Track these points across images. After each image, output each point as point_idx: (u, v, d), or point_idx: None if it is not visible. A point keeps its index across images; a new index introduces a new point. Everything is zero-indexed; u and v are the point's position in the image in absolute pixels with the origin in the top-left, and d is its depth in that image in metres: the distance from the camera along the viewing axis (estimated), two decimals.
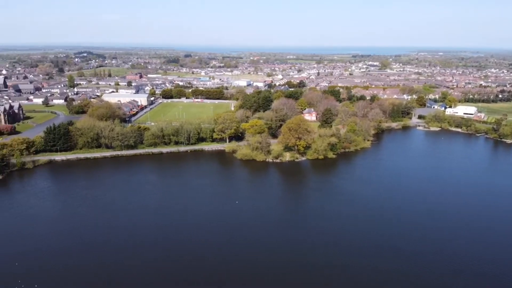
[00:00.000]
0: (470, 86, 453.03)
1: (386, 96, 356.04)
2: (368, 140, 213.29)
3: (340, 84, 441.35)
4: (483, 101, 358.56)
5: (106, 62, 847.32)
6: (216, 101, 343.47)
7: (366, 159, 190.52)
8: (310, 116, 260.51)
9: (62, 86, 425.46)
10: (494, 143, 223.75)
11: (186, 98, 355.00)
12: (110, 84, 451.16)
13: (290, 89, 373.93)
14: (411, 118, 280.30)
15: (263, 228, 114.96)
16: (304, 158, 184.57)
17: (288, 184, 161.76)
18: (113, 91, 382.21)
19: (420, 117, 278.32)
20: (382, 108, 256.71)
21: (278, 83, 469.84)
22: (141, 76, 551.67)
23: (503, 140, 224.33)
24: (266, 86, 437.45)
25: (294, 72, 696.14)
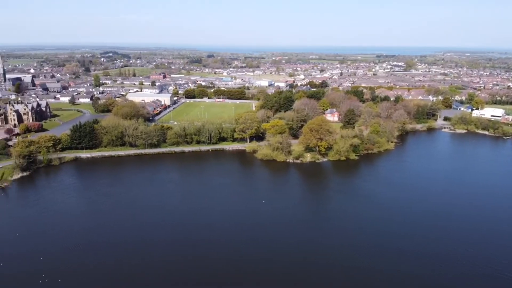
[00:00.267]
0: (498, 87, 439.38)
1: (410, 97, 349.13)
2: (391, 142, 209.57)
3: (363, 85, 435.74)
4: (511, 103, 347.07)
5: (131, 62, 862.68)
6: (238, 101, 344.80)
7: (390, 161, 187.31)
8: (332, 117, 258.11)
9: (88, 85, 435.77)
10: None
11: (208, 98, 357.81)
12: (134, 84, 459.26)
13: (312, 89, 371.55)
14: (436, 119, 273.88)
15: (282, 228, 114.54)
16: (325, 159, 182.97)
17: (309, 185, 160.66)
18: (137, 91, 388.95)
19: (446, 119, 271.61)
20: (406, 109, 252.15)
21: (300, 83, 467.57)
22: (164, 76, 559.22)
23: None
24: (287, 86, 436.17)
25: (316, 72, 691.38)
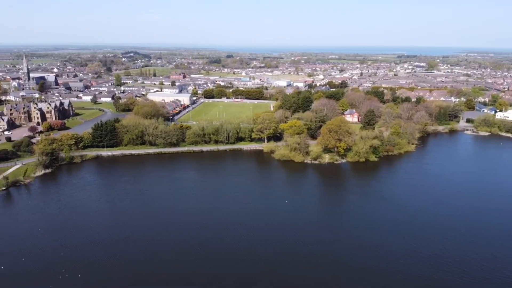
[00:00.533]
0: None
1: (432, 98, 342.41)
2: (412, 144, 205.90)
3: (384, 85, 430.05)
4: None
5: (152, 62, 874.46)
6: (256, 101, 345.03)
7: (410, 163, 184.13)
8: (352, 118, 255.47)
9: (110, 84, 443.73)
10: None
11: (227, 98, 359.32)
12: (155, 84, 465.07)
13: (332, 89, 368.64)
14: (458, 121, 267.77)
15: (300, 228, 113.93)
16: (344, 161, 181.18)
17: (326, 186, 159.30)
18: (157, 90, 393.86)
19: (469, 120, 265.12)
20: (428, 111, 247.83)
21: (319, 83, 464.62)
22: (184, 76, 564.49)
23: None
24: (306, 87, 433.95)
25: (336, 72, 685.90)
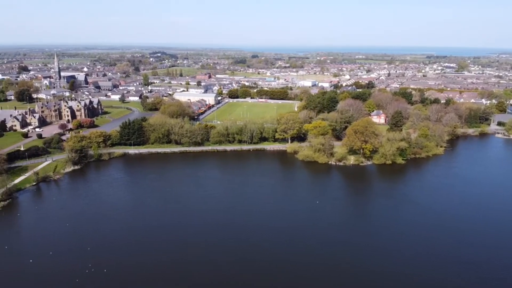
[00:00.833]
0: None
1: (462, 100, 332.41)
2: (441, 147, 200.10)
3: (412, 86, 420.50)
4: None
5: (178, 62, 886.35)
6: (280, 101, 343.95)
7: (438, 166, 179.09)
8: (379, 119, 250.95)
9: (138, 84, 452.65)
10: None
11: (251, 98, 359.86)
12: (181, 83, 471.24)
13: (358, 90, 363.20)
14: (489, 124, 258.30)
15: (322, 230, 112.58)
16: (370, 163, 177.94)
17: (351, 188, 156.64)
18: (183, 90, 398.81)
19: (500, 123, 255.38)
20: (457, 113, 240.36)
21: (345, 84, 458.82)
22: (210, 76, 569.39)
23: None
24: (332, 87, 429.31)
25: (362, 72, 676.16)
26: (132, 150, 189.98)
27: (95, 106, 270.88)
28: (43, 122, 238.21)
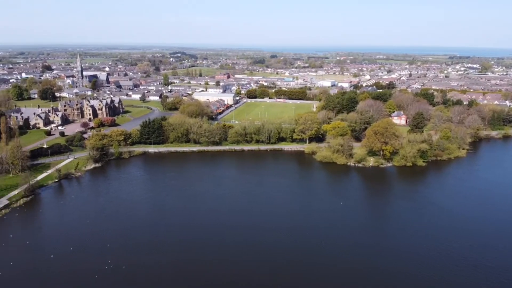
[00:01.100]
0: None
1: (486, 101, 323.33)
2: (463, 149, 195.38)
3: (434, 87, 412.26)
4: None
5: (198, 62, 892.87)
6: (298, 101, 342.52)
7: (460, 169, 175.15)
8: (399, 120, 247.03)
9: (158, 84, 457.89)
10: None
11: (269, 98, 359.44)
12: (200, 83, 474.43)
13: (378, 90, 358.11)
14: None
15: (338, 231, 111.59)
16: (389, 164, 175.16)
17: (370, 190, 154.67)
18: (202, 90, 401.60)
19: None
20: (480, 115, 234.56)
21: (365, 84, 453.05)
22: (228, 76, 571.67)
23: None
24: (351, 87, 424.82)
25: (383, 72, 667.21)
26: (151, 149, 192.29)
27: (116, 105, 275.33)
28: (65, 120, 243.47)
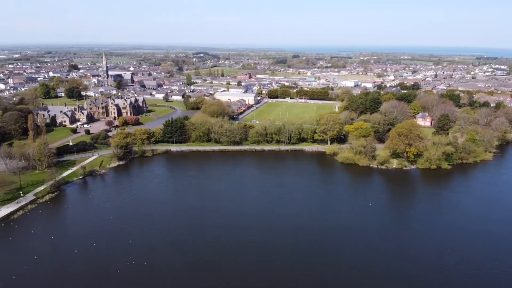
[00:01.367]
0: None
1: None
2: (490, 152, 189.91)
3: (460, 88, 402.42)
4: None
5: (220, 62, 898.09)
6: (320, 101, 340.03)
7: (486, 172, 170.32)
8: (424, 121, 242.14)
9: (181, 83, 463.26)
10: None
11: (291, 98, 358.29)
12: (222, 83, 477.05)
13: (403, 91, 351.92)
14: None
15: (358, 234, 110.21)
16: (413, 167, 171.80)
17: (393, 192, 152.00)
18: (224, 90, 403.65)
19: None
20: (508, 117, 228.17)
21: (389, 85, 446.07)
22: (250, 76, 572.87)
23: None
24: (375, 87, 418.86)
25: (408, 73, 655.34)
26: (174, 148, 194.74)
27: (140, 104, 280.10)
28: (91, 119, 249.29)
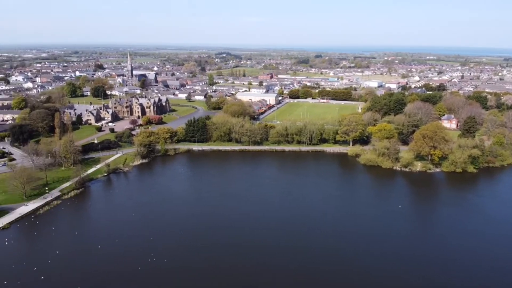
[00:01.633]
0: None
1: None
2: None
3: (487, 90, 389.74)
4: None
5: (242, 62, 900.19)
6: (342, 102, 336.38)
7: None
8: (450, 124, 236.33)
9: (203, 83, 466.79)
10: None
11: (312, 99, 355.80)
12: (243, 84, 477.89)
13: (428, 92, 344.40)
14: None
15: (379, 238, 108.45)
16: (438, 170, 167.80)
17: (417, 195, 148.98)
18: (245, 90, 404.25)
19: None
20: None
21: (413, 85, 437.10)
22: (271, 77, 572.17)
23: None
24: (399, 88, 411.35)
25: (433, 74, 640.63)
26: (195, 147, 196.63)
27: (164, 104, 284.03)
28: (115, 117, 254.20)
